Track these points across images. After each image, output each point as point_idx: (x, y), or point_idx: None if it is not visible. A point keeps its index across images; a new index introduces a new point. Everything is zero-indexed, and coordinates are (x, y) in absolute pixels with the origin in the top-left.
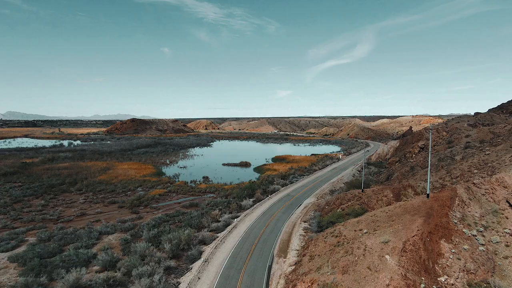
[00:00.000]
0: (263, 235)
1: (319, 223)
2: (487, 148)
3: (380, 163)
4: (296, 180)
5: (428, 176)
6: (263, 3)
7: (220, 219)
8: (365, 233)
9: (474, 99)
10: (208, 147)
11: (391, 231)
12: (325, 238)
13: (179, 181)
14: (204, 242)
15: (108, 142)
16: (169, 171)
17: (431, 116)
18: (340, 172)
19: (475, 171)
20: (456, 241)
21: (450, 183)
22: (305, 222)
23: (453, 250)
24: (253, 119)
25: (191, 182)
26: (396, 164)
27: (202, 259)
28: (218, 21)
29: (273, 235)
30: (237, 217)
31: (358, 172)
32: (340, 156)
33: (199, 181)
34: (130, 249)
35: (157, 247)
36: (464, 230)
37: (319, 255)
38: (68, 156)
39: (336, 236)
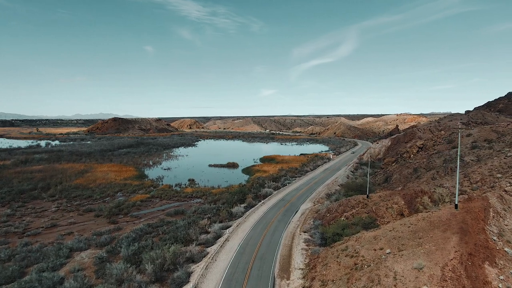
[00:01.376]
0: (260, 250)
1: (322, 234)
2: (507, 149)
3: (372, 163)
4: (289, 183)
5: (457, 183)
6: (247, 1)
7: (210, 229)
8: (389, 253)
9: (454, 98)
10: (193, 147)
11: (422, 252)
12: (337, 257)
13: (162, 184)
14: (193, 259)
15: (88, 142)
16: (152, 173)
17: (414, 114)
18: (333, 173)
19: (499, 175)
20: (501, 264)
21: (471, 189)
22: (305, 232)
23: (501, 277)
24: (238, 118)
25: (176, 185)
26: (393, 164)
27: (191, 284)
28: (202, 20)
29: (272, 250)
30: (228, 227)
31: (352, 173)
32: (331, 156)
33: (185, 184)
34: (105, 270)
35: (138, 267)
36: (505, 249)
37: (333, 281)
38: (43, 157)
39: (352, 256)
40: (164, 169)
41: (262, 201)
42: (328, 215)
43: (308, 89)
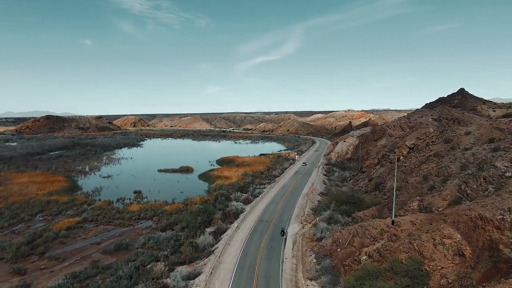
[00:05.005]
0: None
1: None
2: None
3: (342, 164)
4: (259, 193)
5: None
6: None
7: (169, 281)
8: None
9: (392, 96)
10: (138, 147)
11: None
12: None
13: (100, 200)
14: None
15: (14, 143)
16: (88, 183)
17: (361, 111)
18: (305, 178)
19: None
20: None
21: None
22: (311, 280)
23: None
24: (186, 115)
25: (118, 200)
26: (378, 167)
27: None
28: (144, 13)
29: None
30: (197, 275)
31: (326, 177)
32: (296, 156)
33: (129, 198)
34: None
35: None
36: None
37: None
38: None
39: None
40: (104, 177)
41: (236, 225)
42: (338, 249)
43: (253, 86)
